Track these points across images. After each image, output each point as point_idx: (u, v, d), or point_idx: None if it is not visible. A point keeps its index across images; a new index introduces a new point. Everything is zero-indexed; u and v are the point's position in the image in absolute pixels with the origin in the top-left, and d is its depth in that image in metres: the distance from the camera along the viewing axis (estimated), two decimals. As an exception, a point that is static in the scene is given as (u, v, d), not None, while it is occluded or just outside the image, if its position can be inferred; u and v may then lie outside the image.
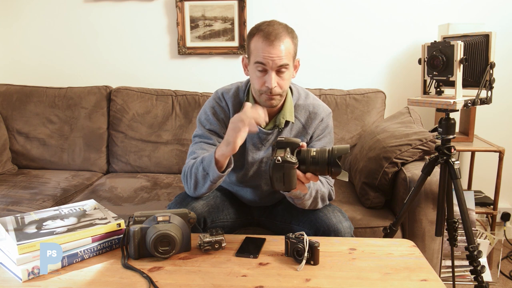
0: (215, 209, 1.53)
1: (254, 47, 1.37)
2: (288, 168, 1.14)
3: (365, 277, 1.12)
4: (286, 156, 1.14)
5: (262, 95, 1.40)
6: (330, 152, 1.15)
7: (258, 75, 1.39)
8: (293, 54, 1.40)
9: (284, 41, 1.35)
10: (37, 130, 2.46)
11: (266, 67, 1.35)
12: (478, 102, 1.53)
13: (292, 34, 1.39)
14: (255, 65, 1.37)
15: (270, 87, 1.36)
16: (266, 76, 1.37)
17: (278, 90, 1.39)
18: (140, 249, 1.21)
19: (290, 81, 1.46)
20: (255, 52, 1.37)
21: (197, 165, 1.38)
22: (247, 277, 1.12)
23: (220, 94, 1.55)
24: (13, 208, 1.89)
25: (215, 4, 2.55)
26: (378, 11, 2.52)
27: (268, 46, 1.33)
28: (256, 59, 1.36)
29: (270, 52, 1.33)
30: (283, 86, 1.39)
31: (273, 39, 1.33)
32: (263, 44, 1.34)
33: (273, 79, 1.36)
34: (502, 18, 2.46)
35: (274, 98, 1.40)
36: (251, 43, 1.38)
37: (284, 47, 1.34)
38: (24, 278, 1.10)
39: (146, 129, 2.41)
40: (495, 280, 2.16)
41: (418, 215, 1.75)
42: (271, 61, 1.34)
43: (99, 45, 2.69)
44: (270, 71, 1.35)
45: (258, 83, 1.40)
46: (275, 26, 1.36)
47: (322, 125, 1.53)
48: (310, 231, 1.45)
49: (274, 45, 1.33)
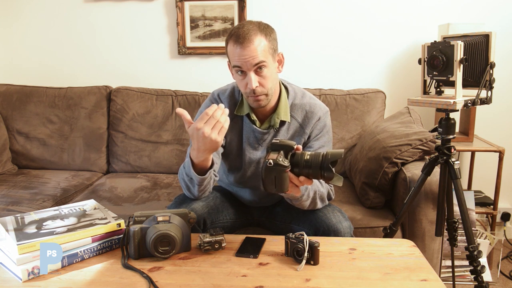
0: (214, 210, 1.53)
1: (230, 52, 1.38)
2: (279, 171, 1.14)
3: (365, 277, 1.12)
4: (279, 159, 1.14)
5: (249, 97, 1.41)
6: (323, 157, 1.14)
7: (239, 78, 1.40)
8: (270, 51, 1.38)
9: (255, 40, 1.34)
10: (37, 130, 2.46)
11: (243, 69, 1.36)
12: (478, 102, 1.53)
13: (265, 30, 1.38)
14: (234, 69, 1.39)
15: (251, 88, 1.36)
16: (247, 77, 1.37)
17: (261, 90, 1.38)
18: (140, 249, 1.21)
19: (275, 78, 1.45)
20: (231, 57, 1.38)
21: (181, 170, 1.40)
22: (247, 277, 1.12)
23: (216, 95, 1.56)
24: (13, 208, 1.89)
25: (215, 4, 2.55)
26: (378, 11, 2.52)
27: (239, 49, 1.34)
28: (233, 63, 1.38)
29: (242, 54, 1.34)
30: (265, 85, 1.39)
31: (242, 41, 1.33)
32: (235, 47, 1.35)
33: (253, 80, 1.36)
34: (502, 18, 2.46)
35: (260, 99, 1.40)
36: (227, 48, 1.40)
37: (255, 45, 1.34)
38: (24, 278, 1.10)
39: (146, 129, 2.41)
40: (495, 280, 2.16)
41: (418, 215, 1.75)
42: (245, 62, 1.34)
43: (99, 45, 2.69)
44: (248, 72, 1.36)
45: (242, 86, 1.41)
46: (245, 27, 1.36)
47: (320, 124, 1.52)
48: (310, 231, 1.45)
49: (244, 46, 1.33)
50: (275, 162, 1.13)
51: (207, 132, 1.20)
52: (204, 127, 1.20)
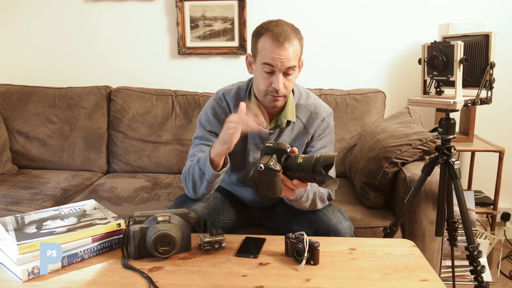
0: (215, 211, 1.53)
1: (262, 47, 1.36)
2: (270, 175, 1.14)
3: (365, 277, 1.12)
4: (270, 163, 1.13)
5: (267, 95, 1.40)
6: (316, 160, 1.13)
7: (264, 76, 1.38)
8: (299, 56, 1.40)
9: (293, 43, 1.34)
10: (37, 130, 2.46)
11: (274, 68, 1.34)
12: (478, 102, 1.53)
13: (299, 35, 1.39)
14: (262, 66, 1.36)
15: (277, 89, 1.36)
16: (273, 77, 1.36)
17: (284, 91, 1.39)
18: (140, 249, 1.21)
19: (295, 82, 1.46)
20: (263, 53, 1.35)
21: (193, 165, 1.38)
22: (247, 277, 1.12)
23: (221, 94, 1.55)
24: (13, 208, 1.89)
25: (215, 4, 2.55)
26: (378, 11, 2.52)
27: (277, 48, 1.32)
28: (264, 60, 1.35)
29: (280, 54, 1.32)
30: (288, 87, 1.39)
31: (282, 41, 1.32)
32: (272, 45, 1.32)
33: (280, 81, 1.35)
34: (502, 18, 2.46)
35: (279, 99, 1.40)
36: (259, 42, 1.37)
37: (292, 49, 1.34)
38: (24, 278, 1.10)
39: (146, 129, 2.41)
40: (495, 280, 2.16)
41: (418, 215, 1.74)
42: (279, 63, 1.33)
43: (99, 45, 2.69)
44: (278, 73, 1.35)
45: (264, 84, 1.39)
46: (283, 27, 1.35)
47: (323, 125, 1.53)
48: (310, 231, 1.45)
49: (284, 47, 1.32)
50: (266, 166, 1.13)
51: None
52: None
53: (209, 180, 1.35)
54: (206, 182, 1.36)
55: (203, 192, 1.42)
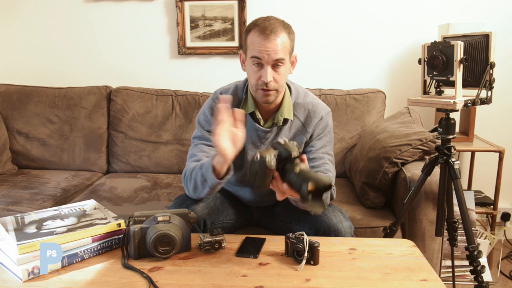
0: (215, 211, 1.53)
1: (250, 42, 1.38)
2: (262, 168, 1.12)
3: (365, 277, 1.12)
4: (267, 157, 1.12)
5: (258, 90, 1.41)
6: (306, 180, 1.07)
7: (254, 69, 1.39)
8: (289, 50, 1.40)
9: (280, 36, 1.35)
10: (37, 130, 2.46)
11: (262, 61, 1.36)
12: (478, 102, 1.53)
13: (289, 29, 1.40)
14: (251, 60, 1.38)
15: (265, 81, 1.36)
16: (262, 70, 1.37)
17: (274, 85, 1.39)
18: (140, 249, 1.21)
19: (286, 77, 1.46)
20: (251, 47, 1.38)
21: (196, 170, 1.38)
22: (247, 277, 1.12)
23: (219, 93, 1.56)
24: (13, 208, 1.89)
25: (215, 4, 2.55)
26: (378, 11, 2.52)
27: (263, 40, 1.34)
28: (252, 53, 1.37)
29: (266, 46, 1.34)
30: (278, 81, 1.39)
31: (268, 33, 1.34)
32: (259, 38, 1.34)
33: (269, 73, 1.36)
34: (502, 18, 2.46)
35: (270, 94, 1.40)
36: (248, 38, 1.39)
37: (280, 41, 1.35)
38: (24, 278, 1.10)
39: (146, 129, 2.41)
40: (495, 280, 2.16)
41: (418, 215, 1.75)
42: (266, 55, 1.35)
43: (99, 45, 2.69)
44: (266, 66, 1.36)
45: (254, 78, 1.40)
46: (271, 21, 1.37)
47: (322, 124, 1.53)
48: (310, 231, 1.45)
49: (270, 39, 1.34)
50: (261, 159, 1.12)
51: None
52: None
53: (211, 187, 1.36)
54: (208, 188, 1.37)
55: (204, 195, 1.43)
